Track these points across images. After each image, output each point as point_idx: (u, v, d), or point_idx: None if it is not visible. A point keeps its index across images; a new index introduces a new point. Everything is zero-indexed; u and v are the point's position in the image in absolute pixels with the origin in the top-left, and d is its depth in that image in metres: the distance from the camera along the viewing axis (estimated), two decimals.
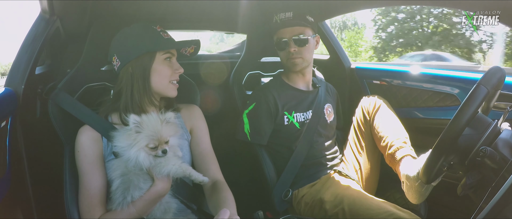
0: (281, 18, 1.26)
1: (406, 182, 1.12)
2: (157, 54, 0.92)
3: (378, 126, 1.28)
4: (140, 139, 0.80)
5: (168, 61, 0.95)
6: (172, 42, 0.97)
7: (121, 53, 0.92)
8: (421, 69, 1.42)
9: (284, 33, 1.26)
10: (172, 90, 0.97)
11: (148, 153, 0.81)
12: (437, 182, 1.04)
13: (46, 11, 1.02)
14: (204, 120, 1.09)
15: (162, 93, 0.96)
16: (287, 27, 1.26)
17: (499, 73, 0.81)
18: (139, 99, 0.92)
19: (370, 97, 1.36)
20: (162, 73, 0.93)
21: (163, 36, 0.95)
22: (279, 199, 1.24)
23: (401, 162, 1.16)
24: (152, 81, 0.93)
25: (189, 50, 1.03)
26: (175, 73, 0.96)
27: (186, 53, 1.04)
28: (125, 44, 0.93)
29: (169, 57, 0.95)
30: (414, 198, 1.10)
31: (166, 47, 0.94)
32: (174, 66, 0.96)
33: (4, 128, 0.86)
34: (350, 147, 1.37)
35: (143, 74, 0.91)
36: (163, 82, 0.94)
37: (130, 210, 0.83)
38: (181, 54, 1.04)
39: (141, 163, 0.80)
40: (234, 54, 1.89)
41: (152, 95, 0.95)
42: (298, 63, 1.27)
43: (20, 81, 0.95)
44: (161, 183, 0.84)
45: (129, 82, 0.91)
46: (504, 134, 0.79)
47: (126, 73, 0.92)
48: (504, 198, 0.57)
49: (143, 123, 0.81)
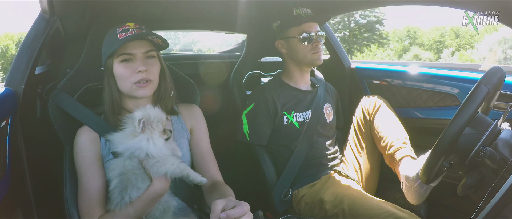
0: (305, 12, 1.28)
1: (406, 183, 1.12)
2: (114, 58, 0.90)
3: (378, 126, 1.28)
4: (150, 128, 0.83)
5: (125, 63, 0.90)
6: (119, 43, 0.88)
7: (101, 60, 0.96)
8: (421, 69, 1.42)
9: (310, 27, 1.27)
10: (137, 92, 0.91)
11: (159, 138, 0.84)
12: (437, 182, 1.04)
13: (46, 11, 1.02)
14: (204, 121, 1.08)
15: (130, 95, 0.93)
16: (313, 22, 1.28)
17: (500, 72, 0.81)
18: (114, 104, 0.94)
19: (370, 97, 1.36)
20: (121, 76, 0.91)
21: (118, 37, 0.89)
22: (279, 199, 1.24)
23: (401, 162, 1.16)
24: (118, 85, 0.93)
25: (157, 40, 0.94)
26: (135, 75, 0.89)
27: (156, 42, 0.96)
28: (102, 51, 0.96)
29: (127, 58, 0.90)
30: (414, 199, 1.10)
31: (111, 50, 0.89)
32: (134, 66, 0.90)
33: (4, 128, 0.86)
34: (350, 147, 1.37)
35: (109, 80, 0.93)
36: (125, 85, 0.91)
37: (129, 210, 0.83)
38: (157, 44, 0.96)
39: (161, 148, 0.83)
40: (234, 54, 1.89)
41: (123, 100, 0.96)
42: (321, 57, 1.29)
43: (20, 81, 0.95)
44: (159, 183, 0.84)
45: (104, 88, 0.95)
46: (504, 134, 0.79)
47: (104, 79, 0.95)
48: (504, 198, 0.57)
49: (145, 116, 0.83)
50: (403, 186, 1.14)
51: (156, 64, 0.95)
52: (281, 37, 1.32)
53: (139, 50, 0.91)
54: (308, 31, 1.26)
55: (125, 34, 0.89)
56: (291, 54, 1.31)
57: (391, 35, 26.89)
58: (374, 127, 1.29)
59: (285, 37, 1.30)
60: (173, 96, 1.03)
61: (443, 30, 26.83)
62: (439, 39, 26.45)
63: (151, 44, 0.94)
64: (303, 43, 1.27)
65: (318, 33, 1.27)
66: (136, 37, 0.90)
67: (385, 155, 1.24)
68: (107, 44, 0.93)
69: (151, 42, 0.94)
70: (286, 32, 1.29)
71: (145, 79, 0.91)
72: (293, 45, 1.29)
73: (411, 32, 27.80)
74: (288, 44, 1.30)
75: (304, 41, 1.26)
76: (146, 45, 0.93)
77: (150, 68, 0.92)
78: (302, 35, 1.26)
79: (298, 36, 1.26)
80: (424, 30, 27.90)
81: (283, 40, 1.31)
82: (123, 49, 0.90)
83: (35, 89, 1.06)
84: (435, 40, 26.46)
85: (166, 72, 1.01)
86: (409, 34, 27.86)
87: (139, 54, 0.91)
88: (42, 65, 1.24)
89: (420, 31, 27.89)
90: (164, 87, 0.99)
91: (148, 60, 0.93)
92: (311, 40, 1.26)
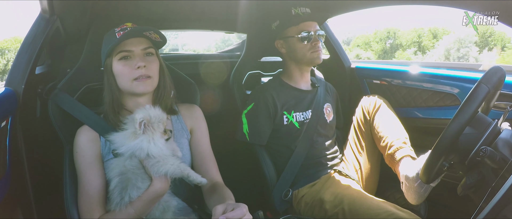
0: (303, 12, 1.27)
1: (406, 183, 1.12)
2: (113, 57, 0.91)
3: (378, 126, 1.28)
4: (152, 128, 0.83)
5: (124, 61, 0.91)
6: (117, 40, 0.89)
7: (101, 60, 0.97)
8: (421, 68, 1.42)
9: (309, 26, 1.27)
10: (137, 88, 0.92)
11: (160, 138, 0.85)
12: (437, 182, 1.04)
13: (46, 11, 1.02)
14: (204, 121, 1.08)
15: (131, 93, 0.94)
16: (312, 21, 1.28)
17: (500, 72, 0.81)
18: (114, 103, 0.94)
19: (370, 97, 1.36)
20: (120, 74, 0.92)
21: (116, 36, 0.90)
22: (279, 199, 1.24)
23: (401, 162, 1.16)
24: (118, 83, 0.94)
25: (154, 35, 0.95)
26: (134, 71, 0.90)
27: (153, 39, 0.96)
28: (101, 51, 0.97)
29: (125, 56, 0.91)
30: (413, 199, 1.10)
31: (109, 47, 0.90)
32: (133, 63, 0.91)
33: (4, 128, 0.86)
34: (350, 146, 1.37)
35: (109, 79, 0.94)
36: (125, 82, 0.92)
37: (129, 210, 0.83)
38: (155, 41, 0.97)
39: (161, 149, 0.84)
40: (234, 54, 1.89)
41: (124, 99, 0.96)
42: (320, 56, 1.29)
43: (20, 81, 0.95)
44: (159, 183, 0.84)
45: (104, 87, 0.95)
46: (504, 134, 0.79)
47: (104, 79, 0.96)
48: (504, 198, 0.57)
49: (145, 117, 0.83)
50: (403, 186, 1.14)
51: (154, 61, 0.95)
52: (280, 37, 1.32)
53: (137, 47, 0.92)
54: (307, 30, 1.26)
55: (123, 32, 0.90)
56: (290, 54, 1.31)
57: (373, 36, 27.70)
58: (374, 126, 1.29)
59: (284, 36, 1.30)
60: (173, 96, 1.03)
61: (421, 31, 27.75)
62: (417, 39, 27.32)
63: (149, 41, 0.95)
64: (302, 42, 1.27)
65: (317, 32, 1.27)
66: (133, 32, 0.91)
67: (385, 155, 1.24)
68: (106, 44, 0.94)
69: (149, 40, 0.95)
70: (285, 31, 1.29)
71: (145, 75, 0.92)
72: (292, 44, 1.29)
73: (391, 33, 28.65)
74: (287, 44, 1.30)
75: (303, 40, 1.26)
76: (144, 42, 0.94)
77: (149, 65, 0.93)
78: (301, 34, 1.26)
79: (297, 35, 1.26)
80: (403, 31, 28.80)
81: (283, 40, 1.31)
82: (122, 47, 0.91)
83: (35, 89, 1.06)
84: (413, 40, 27.28)
85: (165, 70, 1.01)
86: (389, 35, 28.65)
87: (138, 50, 0.92)
88: (42, 65, 1.23)
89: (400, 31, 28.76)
90: (164, 85, 1.00)
91: (146, 57, 0.94)
92: (310, 39, 1.26)
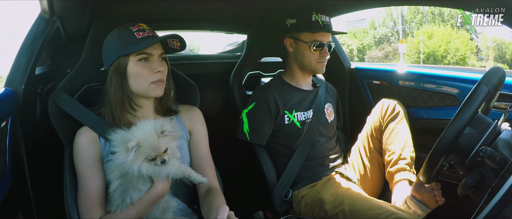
0: (323, 21, 1.25)
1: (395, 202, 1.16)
2: (131, 57, 0.89)
3: (387, 136, 1.26)
4: (140, 155, 0.80)
5: (143, 62, 0.90)
6: (143, 42, 0.89)
7: (105, 59, 0.94)
8: (421, 69, 1.42)
9: (324, 36, 1.26)
10: (153, 91, 0.92)
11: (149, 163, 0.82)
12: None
13: (46, 11, 1.02)
14: (204, 124, 1.08)
15: (145, 95, 0.93)
16: (328, 32, 1.27)
17: (500, 72, 0.81)
18: (119, 105, 0.92)
19: (390, 101, 1.32)
20: (138, 75, 0.90)
21: (136, 36, 0.89)
22: (279, 200, 1.24)
23: (397, 184, 1.18)
24: (130, 84, 0.91)
25: (176, 43, 0.97)
26: (153, 74, 0.90)
27: (173, 46, 0.98)
28: (105, 50, 0.93)
29: (145, 57, 0.90)
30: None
31: (136, 49, 0.88)
32: (153, 65, 0.90)
33: (4, 128, 0.86)
34: (358, 149, 1.36)
35: (120, 79, 0.91)
36: (141, 84, 0.91)
37: (130, 211, 0.83)
38: (170, 48, 0.98)
39: (144, 174, 0.81)
40: (234, 54, 1.89)
41: (133, 100, 0.93)
42: (324, 67, 1.30)
43: (20, 81, 0.95)
44: (160, 184, 0.84)
45: (109, 87, 0.92)
46: (504, 134, 0.79)
47: (108, 78, 0.93)
48: (504, 198, 0.57)
49: (140, 142, 0.79)
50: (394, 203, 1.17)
51: (166, 66, 0.96)
52: (291, 36, 1.30)
53: (156, 51, 0.92)
54: (320, 40, 1.25)
55: (142, 34, 0.90)
56: (297, 56, 1.30)
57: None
58: (384, 134, 1.28)
59: (296, 37, 1.28)
60: (173, 96, 1.03)
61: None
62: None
63: (162, 47, 0.96)
64: (312, 50, 1.26)
65: (329, 43, 1.27)
66: (160, 39, 0.91)
67: (386, 169, 1.24)
68: (124, 42, 0.89)
69: (161, 45, 0.96)
70: (299, 33, 1.27)
71: (162, 79, 0.93)
72: (301, 48, 1.27)
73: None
74: (297, 46, 1.29)
75: (314, 49, 1.26)
76: (160, 47, 0.95)
77: (164, 70, 0.94)
78: (314, 43, 1.25)
79: (309, 42, 1.25)
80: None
81: (293, 40, 1.30)
82: (143, 49, 0.90)
83: (35, 89, 1.06)
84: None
85: (170, 74, 1.02)
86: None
87: (156, 54, 0.92)
88: (42, 65, 1.24)
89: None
90: (168, 89, 1.00)
91: (161, 62, 0.94)
92: (321, 50, 1.26)
